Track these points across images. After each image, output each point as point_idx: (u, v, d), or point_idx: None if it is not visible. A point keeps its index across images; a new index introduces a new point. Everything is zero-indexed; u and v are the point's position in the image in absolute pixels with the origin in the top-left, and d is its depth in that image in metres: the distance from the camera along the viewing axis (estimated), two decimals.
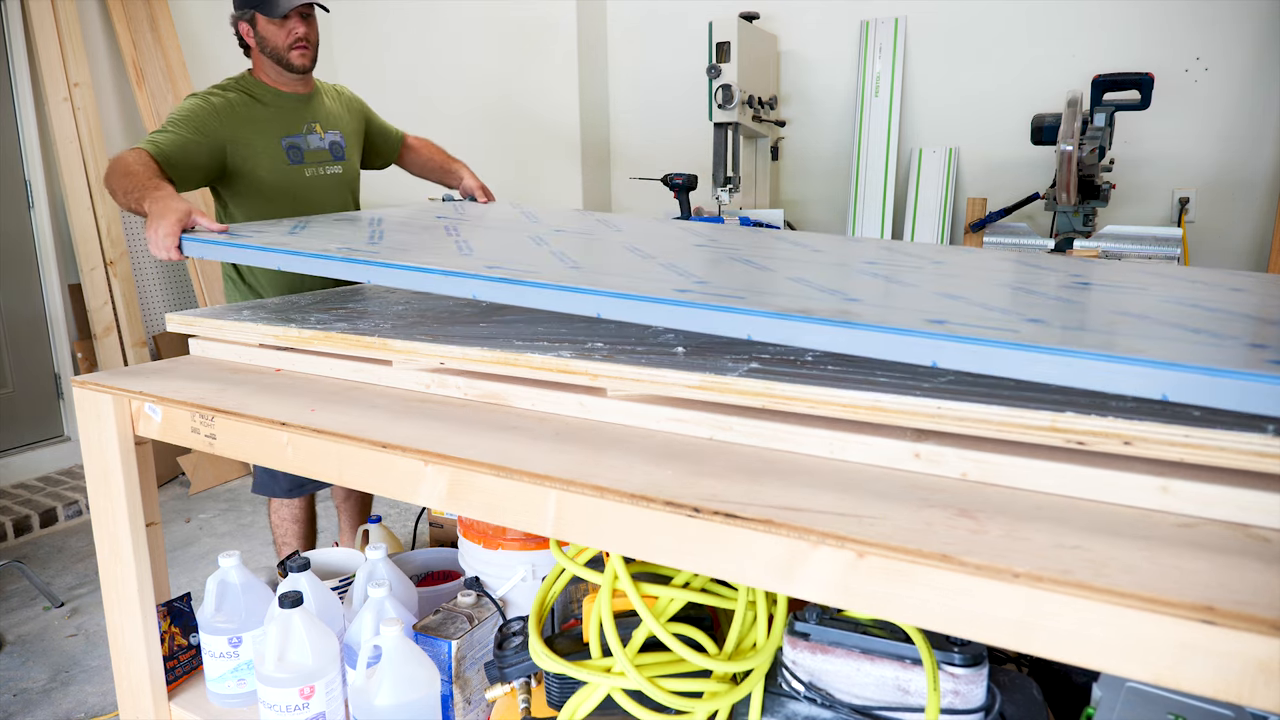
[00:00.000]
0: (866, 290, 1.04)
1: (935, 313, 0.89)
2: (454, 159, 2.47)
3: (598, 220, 1.82)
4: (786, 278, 1.13)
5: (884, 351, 0.80)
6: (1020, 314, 0.90)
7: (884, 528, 0.71)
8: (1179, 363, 0.67)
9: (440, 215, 1.87)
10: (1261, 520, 0.69)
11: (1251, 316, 0.94)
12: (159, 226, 1.51)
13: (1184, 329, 0.83)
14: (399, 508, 3.44)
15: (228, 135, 2.05)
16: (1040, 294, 1.07)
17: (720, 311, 0.89)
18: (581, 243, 1.48)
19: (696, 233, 1.66)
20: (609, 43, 4.31)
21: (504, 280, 1.06)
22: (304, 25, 2.11)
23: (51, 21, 3.60)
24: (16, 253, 3.67)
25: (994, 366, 0.75)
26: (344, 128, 2.30)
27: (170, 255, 1.51)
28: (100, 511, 1.35)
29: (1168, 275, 1.27)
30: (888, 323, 0.81)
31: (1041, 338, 0.77)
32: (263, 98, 2.15)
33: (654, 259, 1.28)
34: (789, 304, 0.91)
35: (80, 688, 2.31)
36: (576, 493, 0.85)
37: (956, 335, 0.77)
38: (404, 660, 1.13)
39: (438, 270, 1.13)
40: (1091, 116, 2.76)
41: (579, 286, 1.00)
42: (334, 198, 2.26)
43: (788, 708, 0.92)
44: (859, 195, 3.71)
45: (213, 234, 1.51)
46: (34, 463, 3.76)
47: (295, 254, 1.31)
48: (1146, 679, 0.59)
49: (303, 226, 1.62)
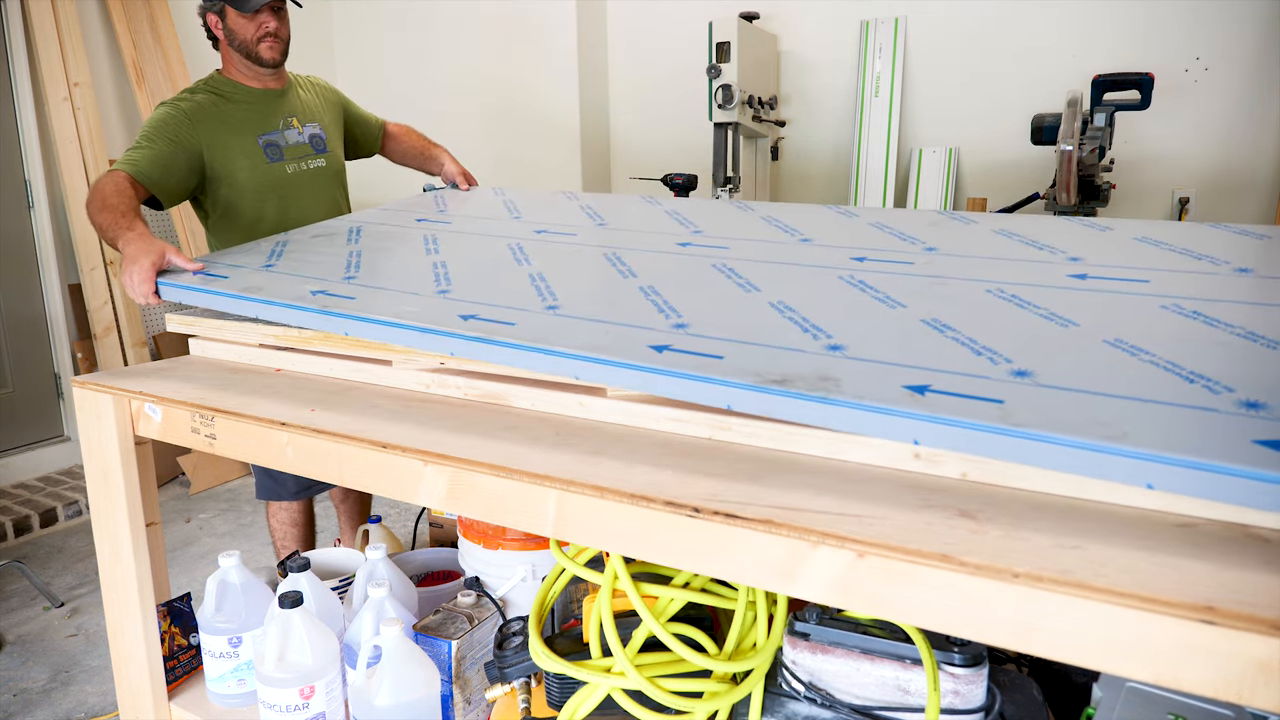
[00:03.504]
0: (851, 324, 1.01)
1: (919, 361, 0.88)
2: (434, 144, 2.41)
3: (581, 208, 1.77)
4: (769, 303, 1.10)
5: (865, 429, 0.81)
6: (1009, 360, 0.86)
7: (884, 528, 0.71)
8: (1164, 455, 0.68)
9: (421, 218, 1.82)
10: (1261, 520, 0.69)
11: (1252, 336, 0.90)
12: (134, 272, 1.48)
13: (1179, 374, 0.81)
14: (399, 508, 3.44)
15: (203, 140, 1.98)
16: (1031, 308, 1.02)
17: (699, 381, 0.90)
18: (563, 255, 1.45)
19: (681, 219, 1.60)
20: (609, 42, 4.31)
21: (479, 340, 1.07)
22: (274, 19, 2.05)
23: (51, 21, 3.60)
24: (16, 253, 3.68)
25: (979, 450, 0.76)
26: (322, 119, 2.23)
27: (148, 300, 1.49)
28: (100, 511, 1.35)
29: (1172, 250, 1.20)
30: (866, 397, 0.81)
31: (1028, 414, 0.75)
32: (233, 96, 2.08)
33: (635, 279, 1.26)
34: (769, 368, 0.90)
35: (80, 688, 2.31)
36: (576, 493, 0.85)
37: (938, 416, 0.77)
38: (404, 660, 1.13)
39: (414, 327, 1.14)
40: (1091, 116, 2.76)
41: (554, 349, 1.01)
42: (321, 193, 2.19)
43: (788, 708, 0.92)
44: (859, 195, 3.71)
45: (188, 274, 1.49)
46: (34, 463, 3.76)
47: (270, 303, 1.31)
48: (1146, 679, 0.59)
49: (280, 253, 1.59)
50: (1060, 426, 0.72)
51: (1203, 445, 0.68)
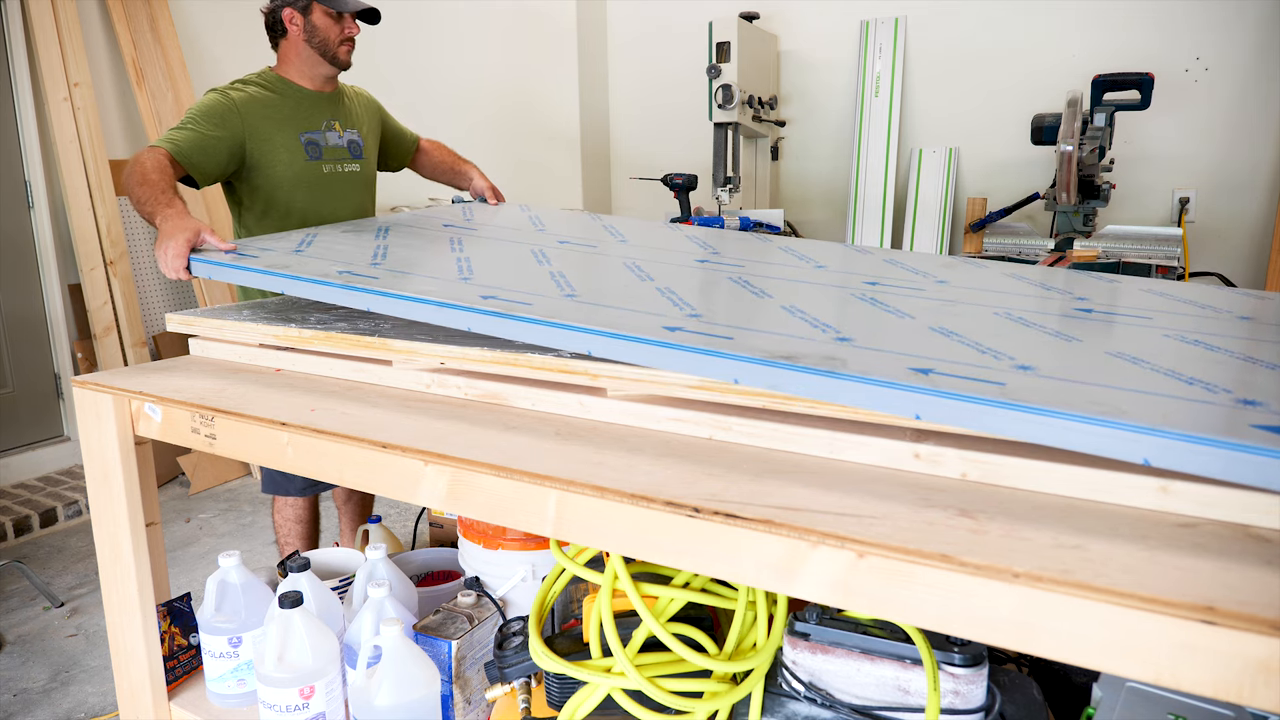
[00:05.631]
0: (860, 324, 1.04)
1: (925, 353, 0.89)
2: (464, 160, 2.49)
3: (604, 227, 1.82)
4: (781, 306, 1.12)
5: (867, 403, 0.81)
6: (1011, 358, 0.88)
7: (884, 528, 0.71)
8: (1162, 428, 0.67)
9: (447, 223, 1.86)
10: (1261, 520, 0.69)
11: (1251, 360, 0.92)
12: (168, 247, 1.53)
13: (1179, 379, 0.82)
14: (399, 508, 3.44)
15: (247, 129, 2.05)
16: (1039, 328, 1.05)
17: (708, 355, 0.91)
18: (583, 259, 1.48)
19: (701, 244, 1.65)
20: (609, 42, 4.31)
21: (498, 315, 1.08)
22: (357, 27, 2.17)
23: (51, 21, 3.60)
24: (16, 253, 3.68)
25: (977, 424, 0.76)
26: (362, 128, 2.31)
27: (179, 275, 1.54)
28: (100, 511, 1.35)
29: (1175, 299, 1.24)
30: (872, 373, 0.82)
31: (1028, 393, 0.76)
32: (284, 93, 2.16)
33: (652, 281, 1.28)
34: (776, 347, 0.91)
35: (80, 688, 2.31)
36: (576, 493, 0.85)
37: (940, 390, 0.77)
38: (404, 660, 1.13)
39: (434, 301, 1.16)
40: (1091, 116, 2.76)
41: (570, 324, 1.02)
42: (351, 196, 2.26)
43: (788, 708, 0.92)
44: (859, 195, 3.71)
45: (221, 253, 1.53)
46: (34, 463, 3.76)
47: (297, 279, 1.33)
48: (1146, 679, 0.59)
49: (310, 241, 1.62)
50: (1060, 404, 0.74)
51: (1201, 425, 0.69)
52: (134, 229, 3.97)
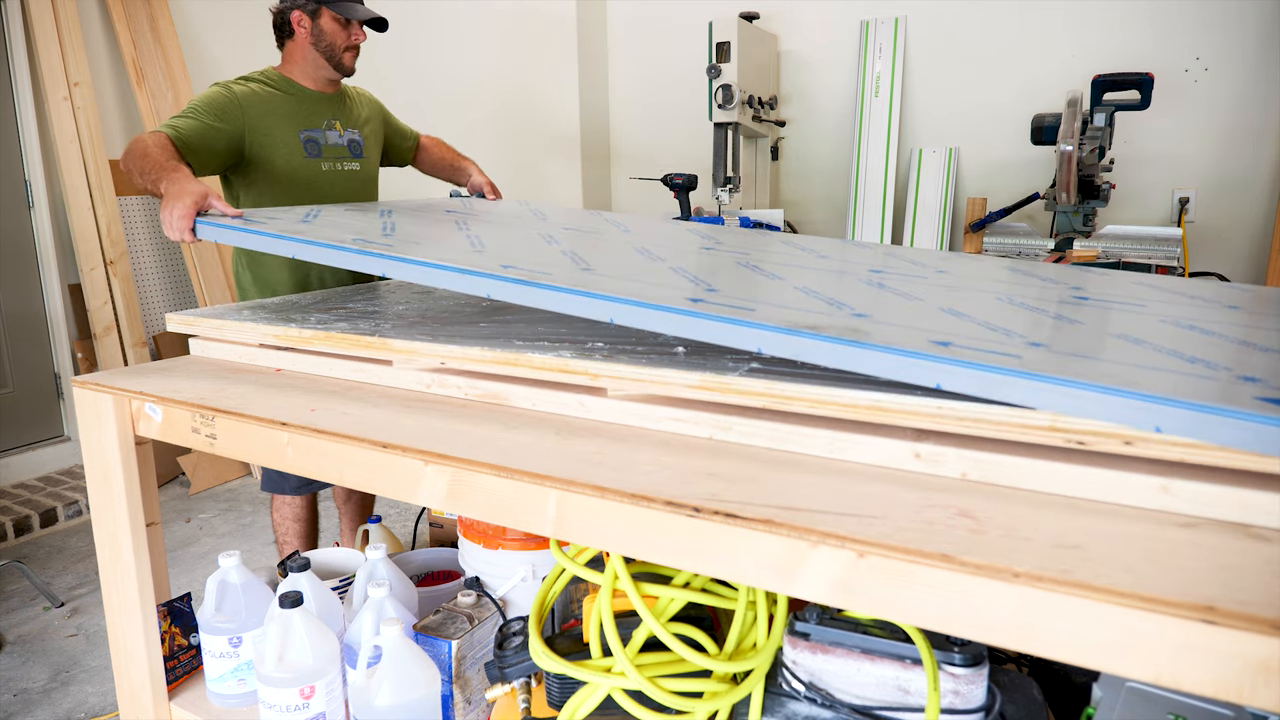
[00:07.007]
0: (873, 304, 1.05)
1: (940, 332, 0.90)
2: (463, 156, 2.51)
3: (605, 220, 1.82)
4: (795, 287, 1.12)
5: (891, 372, 0.82)
6: (1023, 336, 0.91)
7: (884, 528, 0.71)
8: (1173, 398, 0.69)
9: (450, 210, 1.87)
10: (1261, 520, 0.69)
11: (1245, 343, 0.95)
12: (174, 208, 1.51)
13: (1181, 358, 0.84)
14: (399, 508, 3.44)
15: (248, 124, 2.07)
16: (1042, 312, 1.07)
17: (733, 324, 0.91)
18: (591, 242, 1.48)
19: (703, 235, 1.66)
20: (609, 42, 4.31)
21: (519, 282, 1.06)
22: (363, 33, 2.20)
23: (51, 21, 3.60)
24: (16, 253, 3.68)
25: (998, 393, 0.77)
26: (364, 128, 2.33)
27: (184, 237, 1.52)
28: (100, 511, 1.35)
29: (1165, 290, 1.27)
30: (894, 343, 0.83)
31: (1044, 365, 0.78)
32: (287, 91, 2.18)
33: (663, 261, 1.28)
34: (799, 319, 0.91)
35: (80, 688, 2.31)
36: (576, 493, 0.85)
37: (962, 360, 0.78)
38: (404, 660, 1.13)
39: (454, 268, 1.12)
40: (1091, 116, 2.76)
41: (594, 292, 1.00)
42: (350, 194, 2.28)
43: (788, 708, 0.92)
44: (859, 195, 3.71)
45: (227, 218, 1.51)
46: (34, 463, 3.76)
47: (309, 243, 1.29)
48: (1146, 679, 0.59)
49: (315, 215, 1.61)
50: (1079, 374, 0.75)
51: (1208, 396, 0.70)
52: (134, 229, 3.97)
